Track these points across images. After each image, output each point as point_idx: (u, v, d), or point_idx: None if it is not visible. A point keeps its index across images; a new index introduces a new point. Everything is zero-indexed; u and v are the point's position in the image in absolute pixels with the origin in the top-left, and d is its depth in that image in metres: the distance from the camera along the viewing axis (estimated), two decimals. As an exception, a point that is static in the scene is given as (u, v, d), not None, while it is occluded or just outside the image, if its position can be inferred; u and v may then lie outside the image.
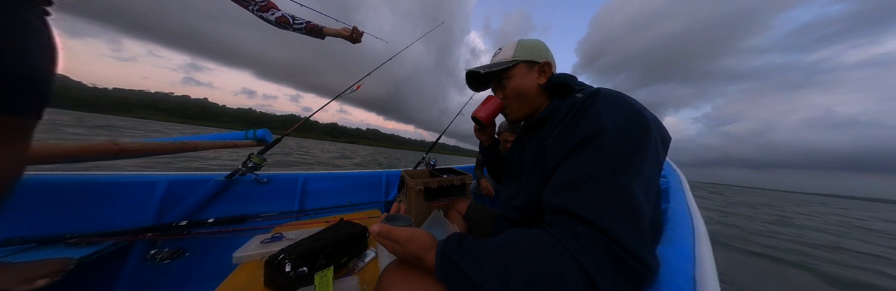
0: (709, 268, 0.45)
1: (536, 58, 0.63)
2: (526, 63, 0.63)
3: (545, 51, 0.65)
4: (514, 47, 0.64)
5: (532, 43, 0.65)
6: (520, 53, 0.63)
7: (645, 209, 0.36)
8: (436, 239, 0.44)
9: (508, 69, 0.63)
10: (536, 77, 0.63)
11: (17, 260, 0.69)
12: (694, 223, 0.64)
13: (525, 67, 0.63)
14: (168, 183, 1.05)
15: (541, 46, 0.65)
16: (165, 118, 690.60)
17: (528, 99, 0.64)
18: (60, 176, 0.87)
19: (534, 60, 0.63)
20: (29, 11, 0.51)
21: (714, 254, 0.52)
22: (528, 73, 0.63)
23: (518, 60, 0.63)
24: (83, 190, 0.90)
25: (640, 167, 0.39)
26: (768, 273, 3.30)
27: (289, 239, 0.98)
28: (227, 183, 1.19)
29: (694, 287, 0.39)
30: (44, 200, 0.83)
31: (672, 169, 1.22)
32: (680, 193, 0.86)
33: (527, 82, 0.63)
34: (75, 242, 0.79)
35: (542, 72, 0.63)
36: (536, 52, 0.64)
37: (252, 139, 1.25)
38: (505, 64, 0.63)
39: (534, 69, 0.63)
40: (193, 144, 0.98)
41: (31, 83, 0.51)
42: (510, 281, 0.32)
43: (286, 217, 1.30)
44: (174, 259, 1.01)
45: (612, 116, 0.43)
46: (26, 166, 0.58)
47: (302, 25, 1.21)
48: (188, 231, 1.02)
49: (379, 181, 1.81)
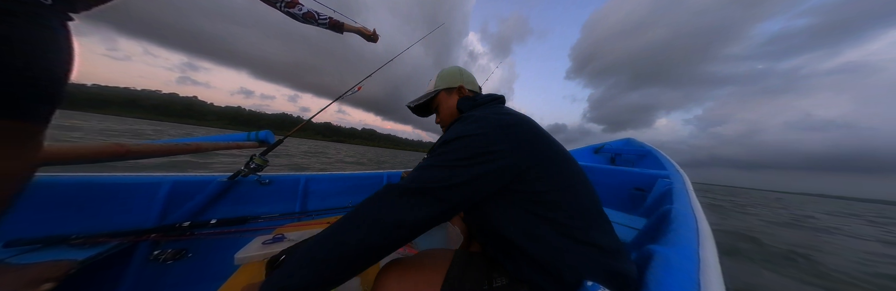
0: (713, 269, 0.44)
1: (451, 83, 0.77)
2: (445, 90, 0.77)
3: (459, 76, 0.78)
4: (435, 79, 0.79)
5: (448, 72, 0.79)
6: (439, 83, 0.78)
7: (429, 176, 0.44)
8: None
9: (433, 98, 0.78)
10: (455, 98, 0.75)
11: (23, 262, 0.70)
12: (698, 224, 0.63)
13: (444, 94, 0.77)
14: (172, 184, 1.06)
15: (455, 72, 0.78)
16: (143, 115, 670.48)
17: (452, 116, 0.75)
18: (65, 177, 0.88)
19: (450, 86, 0.76)
20: (51, 17, 0.52)
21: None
22: (448, 98, 0.76)
23: (438, 89, 0.77)
24: (87, 191, 0.91)
25: (447, 155, 0.46)
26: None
27: (290, 240, 0.98)
28: (230, 185, 1.20)
29: (698, 288, 0.38)
30: (49, 201, 0.84)
31: (676, 169, 1.21)
32: (683, 194, 0.86)
33: (448, 105, 0.76)
34: (80, 243, 0.80)
35: (459, 93, 0.76)
36: (451, 79, 0.77)
37: (254, 140, 1.26)
38: (429, 95, 0.78)
39: (452, 93, 0.76)
40: (196, 146, 0.99)
41: (47, 89, 0.52)
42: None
43: (288, 218, 1.30)
44: (177, 260, 1.02)
45: (451, 130, 0.52)
46: (36, 170, 0.60)
47: (326, 21, 1.31)
48: (191, 232, 1.03)
49: (380, 182, 1.81)
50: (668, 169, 1.25)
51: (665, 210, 0.75)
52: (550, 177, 0.47)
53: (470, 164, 0.44)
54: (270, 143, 1.29)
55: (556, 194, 0.46)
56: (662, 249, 0.50)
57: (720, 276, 0.43)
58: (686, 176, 1.10)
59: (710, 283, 0.40)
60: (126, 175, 1.01)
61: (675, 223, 0.63)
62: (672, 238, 0.56)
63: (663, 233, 0.62)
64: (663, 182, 1.05)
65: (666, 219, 0.69)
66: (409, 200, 0.41)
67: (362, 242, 0.38)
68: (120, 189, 0.96)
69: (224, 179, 1.18)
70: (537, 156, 0.47)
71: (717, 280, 0.41)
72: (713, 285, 0.40)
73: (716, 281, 0.41)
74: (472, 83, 0.78)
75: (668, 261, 0.45)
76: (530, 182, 0.46)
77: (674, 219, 0.65)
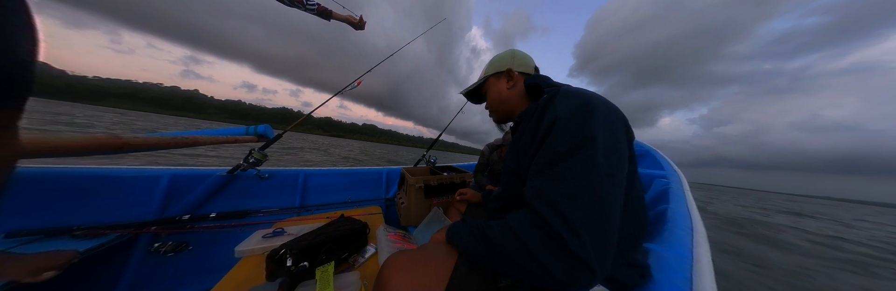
0: (706, 268, 0.45)
1: (499, 68, 0.73)
2: (494, 75, 0.74)
3: (508, 60, 0.74)
4: (485, 66, 0.78)
5: (497, 57, 0.77)
6: (487, 70, 0.76)
7: (587, 190, 0.39)
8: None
9: (481, 85, 0.77)
10: (504, 83, 0.71)
11: (25, 252, 0.71)
12: (693, 224, 0.64)
13: (494, 79, 0.74)
14: (171, 177, 1.06)
15: (505, 56, 0.75)
16: (142, 108, 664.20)
17: (504, 103, 0.72)
18: (68, 169, 0.88)
19: (498, 71, 0.73)
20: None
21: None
22: (496, 83, 0.73)
23: (487, 76, 0.75)
24: (90, 183, 0.91)
25: (590, 151, 0.42)
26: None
27: (290, 234, 0.99)
28: (229, 179, 1.20)
29: (691, 287, 0.39)
30: (51, 192, 0.85)
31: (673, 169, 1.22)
32: (680, 194, 0.86)
33: (497, 89, 0.73)
34: (82, 234, 0.81)
35: (509, 77, 0.71)
36: (498, 64, 0.74)
37: (253, 134, 1.26)
38: (477, 83, 0.78)
39: (501, 78, 0.73)
40: (194, 139, 0.99)
41: (13, 74, 0.46)
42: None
43: (287, 212, 1.31)
44: (178, 253, 1.03)
45: (562, 109, 0.47)
46: (18, 159, 0.55)
47: (314, 6, 1.30)
48: (191, 225, 1.04)
49: (379, 178, 1.82)
50: (666, 170, 1.25)
51: (661, 209, 0.76)
52: None
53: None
54: (269, 138, 1.29)
55: None
56: (657, 248, 0.51)
57: (712, 274, 0.44)
58: (683, 176, 1.10)
59: (702, 281, 0.41)
60: (128, 167, 1.01)
61: (670, 222, 0.64)
62: (667, 237, 0.57)
63: (658, 232, 0.63)
64: (660, 182, 1.05)
65: (661, 219, 0.70)
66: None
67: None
68: (120, 181, 0.97)
69: (223, 173, 1.18)
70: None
71: (710, 278, 0.42)
72: (706, 283, 0.41)
73: (708, 279, 0.42)
74: (524, 65, 0.73)
75: (663, 260, 0.46)
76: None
77: (669, 219, 0.66)
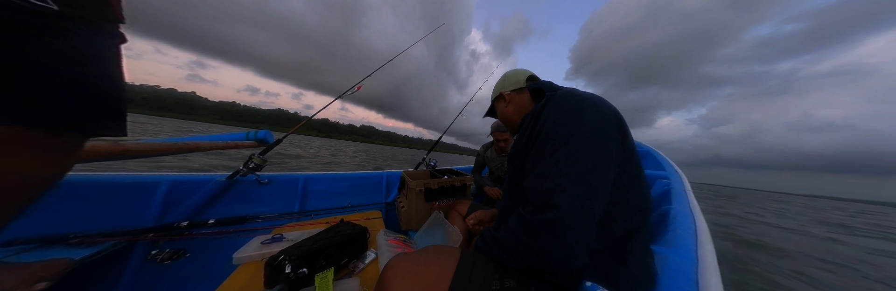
0: (712, 270, 0.44)
1: (495, 93, 0.85)
2: (496, 99, 0.85)
3: (500, 84, 0.83)
4: (491, 89, 0.91)
5: (498, 82, 0.86)
6: (492, 95, 0.88)
7: (565, 182, 0.44)
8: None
9: (493, 107, 0.90)
10: (505, 105, 0.81)
11: (20, 261, 0.70)
12: (696, 224, 0.64)
13: (497, 103, 0.85)
14: (170, 183, 1.05)
15: (498, 82, 0.85)
16: (132, 110, 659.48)
17: (509, 120, 0.82)
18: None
19: (495, 97, 0.85)
20: (112, 36, 0.49)
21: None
22: (498, 105, 0.84)
23: (492, 100, 0.88)
24: (86, 190, 0.90)
25: (575, 140, 0.46)
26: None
27: (289, 239, 0.98)
28: (229, 184, 1.20)
29: (697, 288, 0.39)
30: (47, 200, 0.84)
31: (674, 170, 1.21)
32: (682, 194, 0.86)
33: (500, 110, 0.84)
34: (77, 242, 0.79)
35: (505, 101, 0.81)
36: (496, 90, 0.85)
37: (253, 140, 1.26)
38: (489, 107, 0.92)
39: (500, 100, 0.83)
40: (194, 145, 0.99)
41: (119, 102, 0.51)
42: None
43: (287, 218, 1.29)
44: (175, 260, 1.02)
45: (554, 109, 0.52)
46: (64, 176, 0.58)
47: None
48: (189, 231, 1.02)
49: (379, 182, 1.80)
50: (667, 170, 1.25)
51: (663, 210, 0.76)
52: None
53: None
54: (269, 143, 1.29)
55: None
56: (661, 249, 0.50)
57: (718, 276, 0.43)
58: (684, 176, 1.10)
59: (708, 283, 0.40)
60: (125, 174, 1.01)
61: (673, 223, 0.63)
62: (670, 238, 0.56)
63: (661, 234, 0.62)
64: (661, 182, 1.05)
65: (664, 220, 0.69)
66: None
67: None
68: (118, 188, 0.96)
69: (222, 179, 1.17)
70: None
71: (716, 281, 0.41)
72: (712, 285, 0.40)
73: (714, 282, 0.41)
74: (514, 83, 0.80)
75: (667, 261, 0.45)
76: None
77: (672, 220, 0.65)
